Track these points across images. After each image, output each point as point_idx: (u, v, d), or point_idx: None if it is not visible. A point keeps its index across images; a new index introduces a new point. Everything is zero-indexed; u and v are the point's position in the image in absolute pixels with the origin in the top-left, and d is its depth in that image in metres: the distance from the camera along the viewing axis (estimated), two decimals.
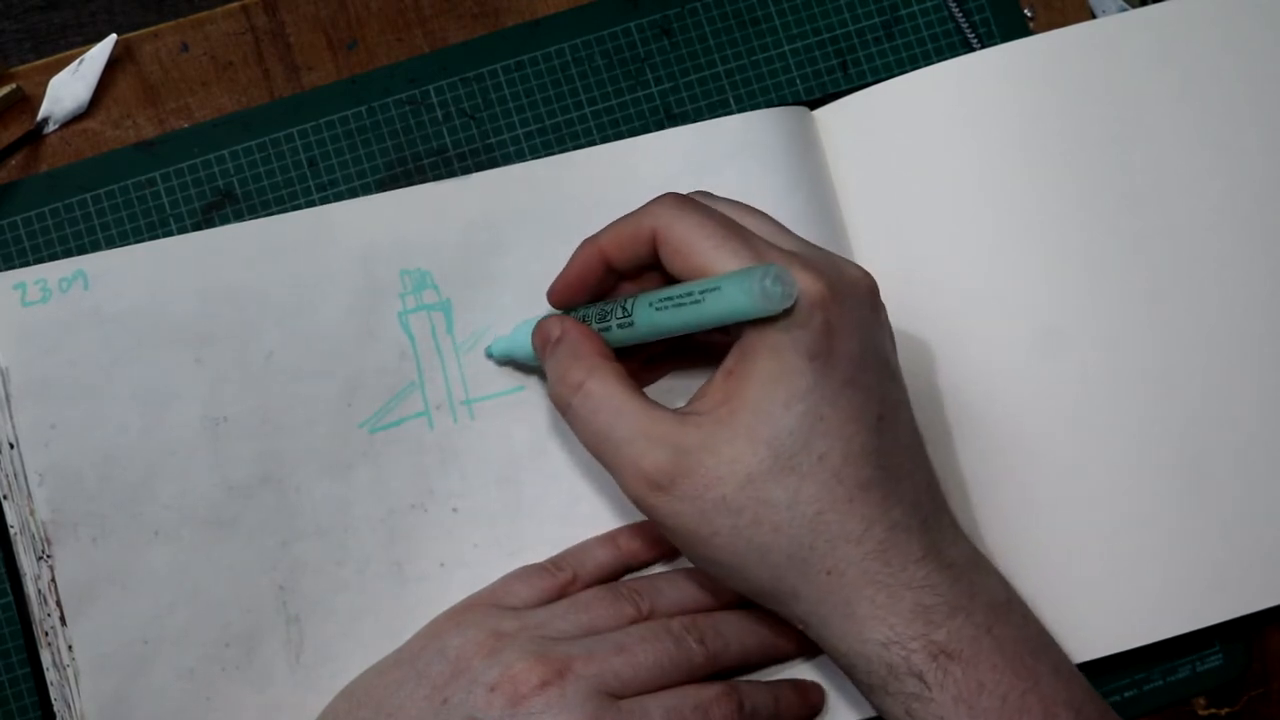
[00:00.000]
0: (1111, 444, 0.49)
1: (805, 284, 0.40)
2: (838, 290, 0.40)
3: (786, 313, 0.39)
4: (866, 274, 0.43)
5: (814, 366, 0.39)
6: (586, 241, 0.45)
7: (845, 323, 0.40)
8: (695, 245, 0.41)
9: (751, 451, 0.40)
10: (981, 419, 0.49)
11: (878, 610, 0.40)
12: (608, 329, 0.44)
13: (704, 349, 0.48)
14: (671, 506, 0.41)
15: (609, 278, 0.45)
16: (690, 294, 0.40)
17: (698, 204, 0.43)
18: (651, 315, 0.42)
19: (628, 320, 0.43)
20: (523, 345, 0.47)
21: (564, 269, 0.45)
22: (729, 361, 0.41)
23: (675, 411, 0.42)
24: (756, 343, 0.40)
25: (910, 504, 0.41)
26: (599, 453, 0.43)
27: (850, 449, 0.40)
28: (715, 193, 0.45)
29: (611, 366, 0.43)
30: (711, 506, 0.40)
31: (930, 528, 0.41)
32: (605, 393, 0.42)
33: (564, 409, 0.43)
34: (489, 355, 0.49)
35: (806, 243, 0.43)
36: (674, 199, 0.43)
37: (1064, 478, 0.49)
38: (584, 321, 0.45)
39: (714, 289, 0.39)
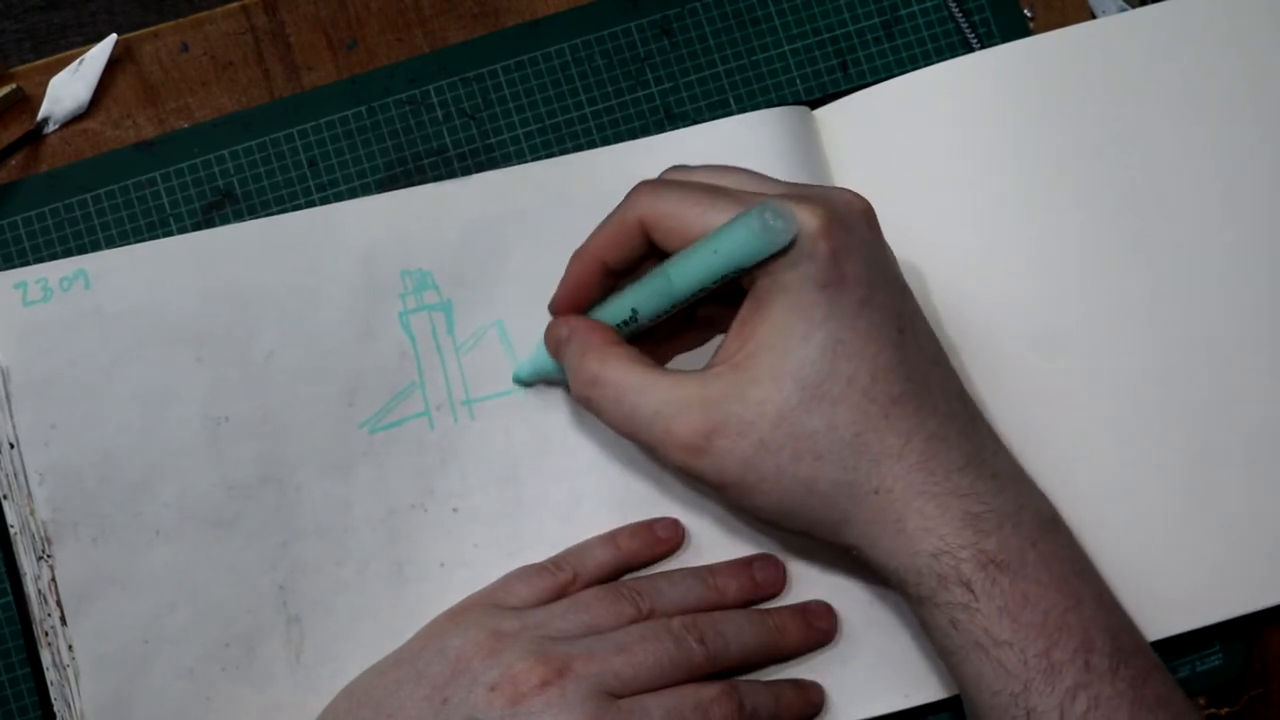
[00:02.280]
0: (1111, 444, 0.49)
1: (803, 217, 0.40)
2: (836, 216, 0.41)
3: (790, 249, 0.40)
4: (857, 196, 0.43)
5: (827, 295, 0.40)
6: (577, 253, 0.45)
7: (849, 246, 0.41)
8: (684, 216, 0.41)
9: (778, 389, 0.40)
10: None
11: (927, 521, 0.40)
12: (630, 321, 0.44)
13: (715, 319, 0.48)
14: (714, 464, 0.41)
15: (607, 280, 0.45)
16: (697, 254, 0.40)
17: (672, 181, 0.43)
18: (668, 298, 0.42)
19: (645, 317, 0.43)
20: (545, 361, 0.47)
21: (561, 282, 0.46)
22: (743, 311, 0.42)
23: (694, 372, 0.42)
24: (767, 287, 0.41)
25: (945, 414, 0.41)
26: (632, 435, 0.43)
27: (877, 366, 0.40)
28: None
29: (623, 350, 0.43)
30: (752, 452, 0.41)
31: (968, 436, 0.42)
32: (621, 376, 0.42)
33: (586, 404, 0.44)
34: (517, 380, 0.49)
35: (790, 182, 0.43)
36: (648, 185, 0.43)
37: (1063, 478, 0.49)
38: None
39: (719, 241, 0.40)
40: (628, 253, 0.44)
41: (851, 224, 0.42)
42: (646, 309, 0.43)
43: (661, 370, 0.43)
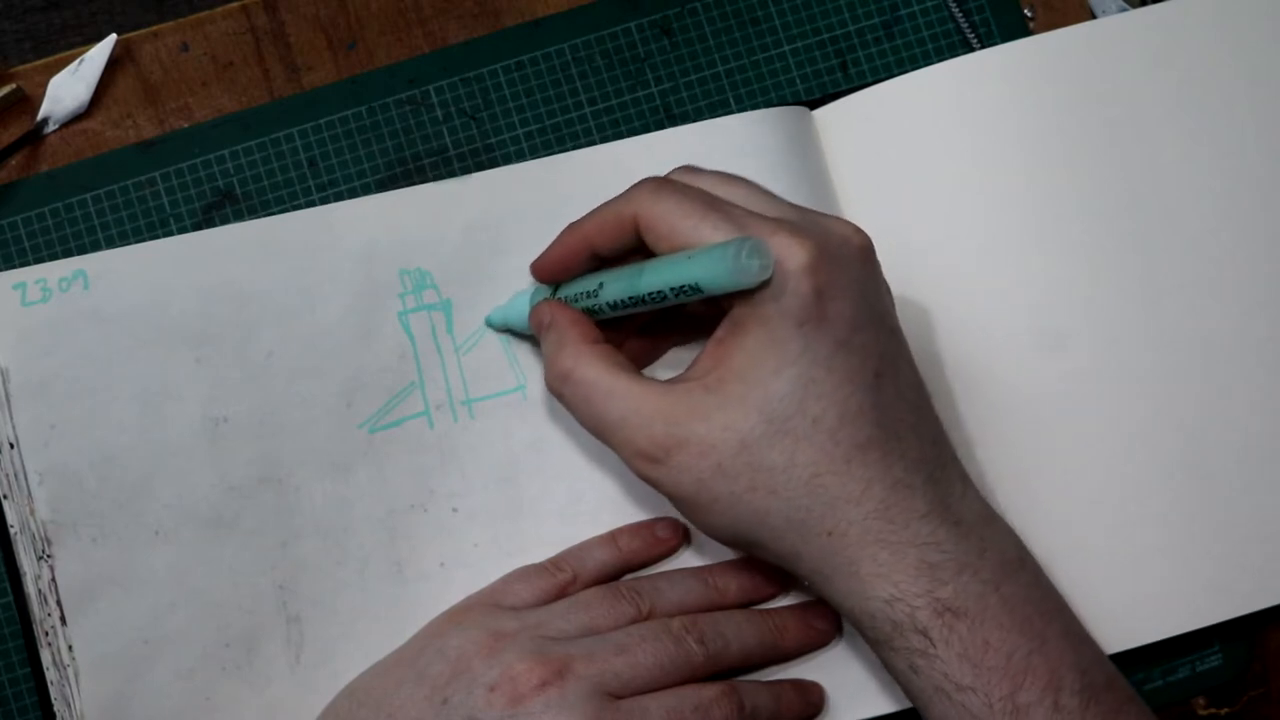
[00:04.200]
0: (1111, 444, 0.49)
1: (791, 250, 0.40)
2: (826, 252, 0.40)
3: (767, 283, 0.39)
4: (857, 230, 0.43)
5: (803, 332, 0.40)
6: (570, 226, 0.45)
7: (836, 284, 0.40)
8: (675, 225, 0.41)
9: (743, 418, 0.40)
10: (979, 418, 0.49)
11: (881, 568, 0.40)
12: (591, 306, 0.44)
13: (705, 321, 0.48)
14: (671, 477, 0.41)
15: (592, 262, 0.45)
16: (670, 264, 0.40)
17: (675, 184, 0.43)
18: (632, 289, 0.42)
19: (607, 295, 0.43)
20: (519, 314, 0.47)
21: (548, 248, 0.46)
22: (720, 331, 0.42)
23: (666, 382, 0.42)
24: (745, 313, 0.40)
25: (913, 460, 0.41)
26: (597, 434, 0.43)
27: (846, 409, 0.40)
28: None
29: (597, 350, 0.43)
30: (709, 474, 0.40)
31: (936, 483, 0.41)
32: (592, 378, 0.43)
33: (558, 397, 0.44)
34: (487, 324, 0.49)
35: (794, 207, 0.43)
36: (652, 182, 0.43)
37: (1063, 479, 0.49)
38: (571, 301, 0.45)
39: (693, 261, 0.40)
40: (617, 243, 0.44)
41: (844, 261, 0.41)
42: (610, 292, 0.43)
43: (633, 375, 0.42)
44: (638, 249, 0.43)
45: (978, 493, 0.43)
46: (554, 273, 0.46)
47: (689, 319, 0.48)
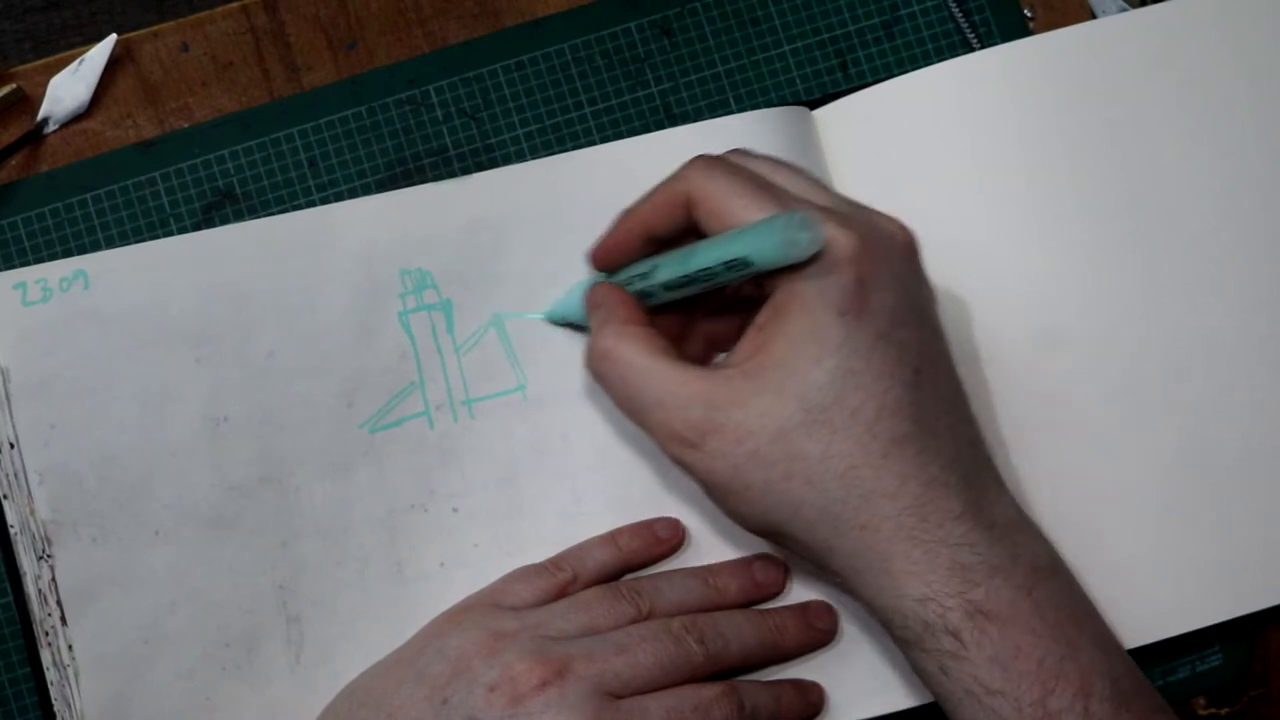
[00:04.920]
0: (1110, 444, 0.49)
1: (837, 238, 0.39)
2: (871, 244, 0.40)
3: (817, 265, 0.39)
4: (903, 227, 0.43)
5: (845, 322, 0.39)
6: (625, 212, 0.45)
7: (879, 276, 0.40)
8: (726, 204, 0.41)
9: (781, 406, 0.40)
10: (977, 419, 0.49)
11: (913, 566, 0.40)
12: (646, 288, 0.44)
13: (748, 306, 0.48)
14: (705, 463, 0.41)
15: (649, 246, 0.45)
16: (721, 241, 0.40)
17: (729, 163, 0.43)
18: (684, 267, 0.42)
19: (660, 276, 0.43)
20: (577, 305, 0.47)
21: (604, 235, 0.46)
22: (761, 316, 0.41)
23: (706, 368, 0.42)
24: (788, 299, 0.40)
25: (949, 459, 0.41)
26: (632, 416, 0.43)
27: (885, 403, 0.40)
28: None
29: (640, 331, 0.43)
30: (744, 461, 0.40)
31: (971, 484, 0.41)
32: (631, 357, 0.42)
33: (595, 377, 0.44)
34: (547, 318, 0.49)
35: (841, 197, 0.43)
36: (705, 160, 0.43)
37: (1062, 479, 0.49)
38: (625, 285, 0.45)
39: (742, 235, 0.39)
40: (671, 223, 0.43)
41: (889, 255, 0.41)
42: (663, 273, 0.43)
43: (673, 360, 0.42)
44: (692, 230, 0.43)
45: (1012, 498, 0.43)
46: (611, 259, 0.46)
47: (734, 305, 0.47)
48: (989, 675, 0.40)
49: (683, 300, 0.45)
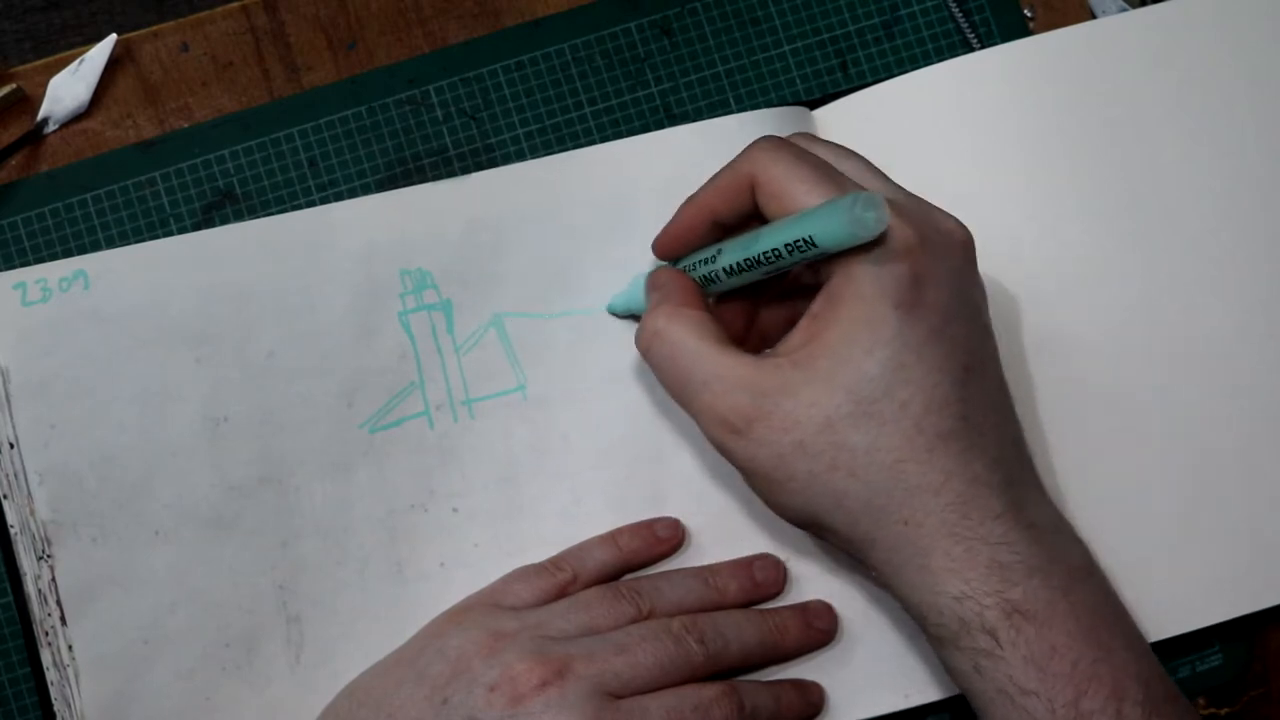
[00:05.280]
0: (1110, 444, 0.49)
1: (897, 230, 0.40)
2: (929, 239, 0.40)
3: (875, 255, 0.39)
4: (961, 225, 0.43)
5: (899, 315, 0.39)
6: (689, 201, 0.45)
7: (935, 272, 0.40)
8: (789, 187, 0.41)
9: (829, 396, 0.40)
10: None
11: (953, 564, 0.40)
12: (708, 273, 0.44)
13: (803, 297, 0.47)
14: (749, 450, 0.41)
15: (713, 232, 0.45)
16: (786, 222, 0.40)
17: (793, 146, 0.42)
18: (748, 250, 0.42)
19: (723, 260, 0.43)
20: (638, 298, 0.47)
21: (668, 224, 0.45)
22: (815, 305, 0.41)
23: (756, 356, 0.42)
24: (843, 288, 0.40)
25: (993, 459, 0.41)
26: (679, 398, 0.43)
27: (933, 399, 0.40)
28: None
29: (693, 314, 0.43)
30: (789, 450, 0.40)
31: (1013, 485, 0.41)
32: (682, 337, 0.42)
33: (645, 354, 0.44)
34: (610, 311, 0.49)
35: (901, 189, 0.43)
36: (770, 141, 0.43)
37: (1062, 480, 0.49)
38: (688, 270, 0.45)
39: (808, 215, 0.39)
40: (736, 206, 0.43)
41: (945, 251, 0.41)
42: (727, 256, 0.43)
43: (724, 344, 0.42)
44: (756, 216, 0.43)
45: (1051, 501, 0.43)
46: (675, 246, 0.46)
47: (789, 296, 0.47)
48: (1023, 675, 0.39)
49: (743, 293, 0.45)
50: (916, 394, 0.40)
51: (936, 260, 0.40)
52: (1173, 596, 0.48)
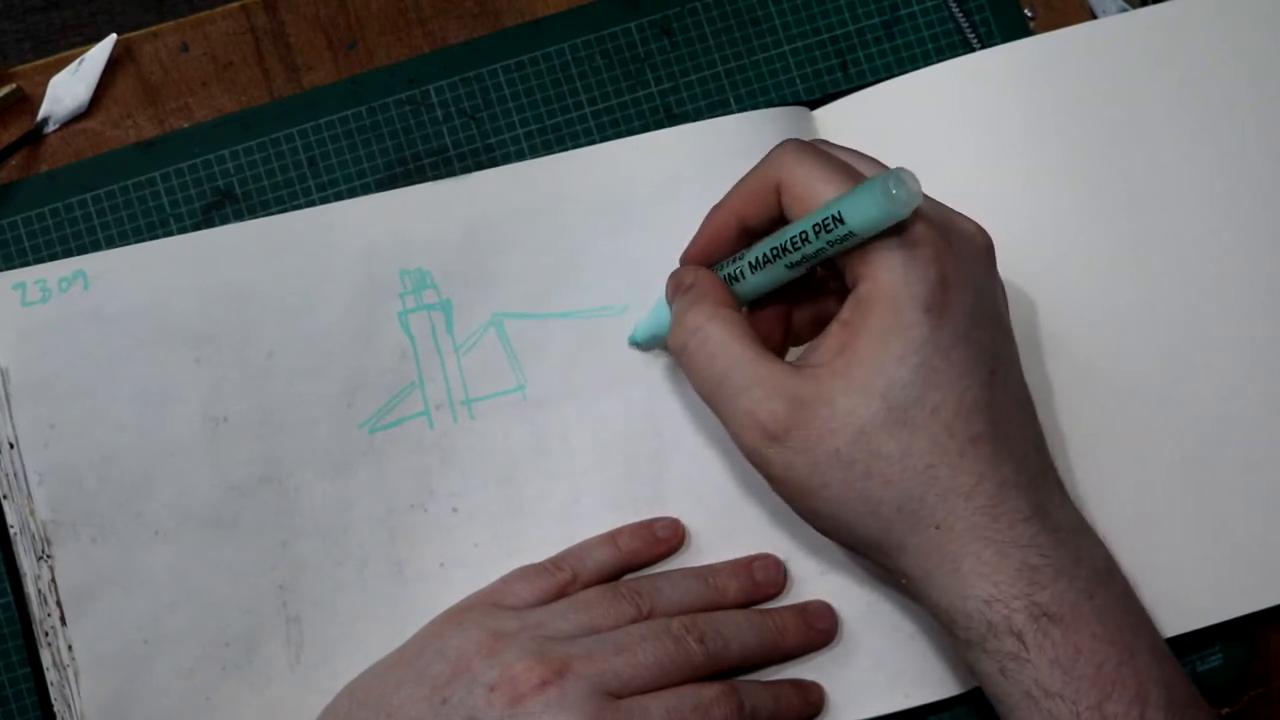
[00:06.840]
0: (1109, 444, 0.49)
1: (922, 232, 0.40)
2: (953, 243, 0.41)
3: (903, 259, 0.39)
4: (981, 229, 0.43)
5: (928, 319, 0.40)
6: (715, 208, 0.45)
7: (958, 276, 0.40)
8: (815, 187, 0.41)
9: (865, 404, 0.40)
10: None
11: (983, 567, 0.40)
12: (735, 272, 0.44)
13: (826, 301, 0.47)
14: (784, 458, 0.41)
15: (743, 238, 0.44)
16: (816, 220, 0.40)
17: (817, 149, 0.42)
18: (775, 240, 0.41)
19: (750, 255, 0.43)
20: (663, 323, 0.46)
21: (696, 234, 0.45)
22: (844, 312, 0.41)
23: (791, 364, 0.42)
24: (872, 293, 0.40)
25: (1019, 461, 0.41)
26: (712, 399, 0.42)
27: (963, 403, 0.40)
28: (716, 194, 0.45)
29: (733, 315, 0.43)
30: (825, 458, 0.40)
31: (1038, 486, 0.41)
32: (724, 338, 0.42)
33: (679, 352, 0.43)
34: (632, 343, 0.49)
35: (926, 195, 0.43)
36: (794, 144, 0.43)
37: (1063, 478, 0.49)
38: (716, 270, 0.45)
39: (838, 200, 0.39)
40: (764, 210, 0.43)
41: (967, 255, 0.41)
42: (754, 250, 0.43)
43: (762, 349, 0.42)
44: (783, 221, 0.43)
45: (1072, 502, 0.43)
46: (706, 255, 0.45)
47: (809, 302, 0.47)
48: (1049, 678, 0.39)
49: (766, 300, 0.44)
50: (947, 398, 0.40)
51: (960, 264, 0.41)
52: (1173, 596, 0.48)
